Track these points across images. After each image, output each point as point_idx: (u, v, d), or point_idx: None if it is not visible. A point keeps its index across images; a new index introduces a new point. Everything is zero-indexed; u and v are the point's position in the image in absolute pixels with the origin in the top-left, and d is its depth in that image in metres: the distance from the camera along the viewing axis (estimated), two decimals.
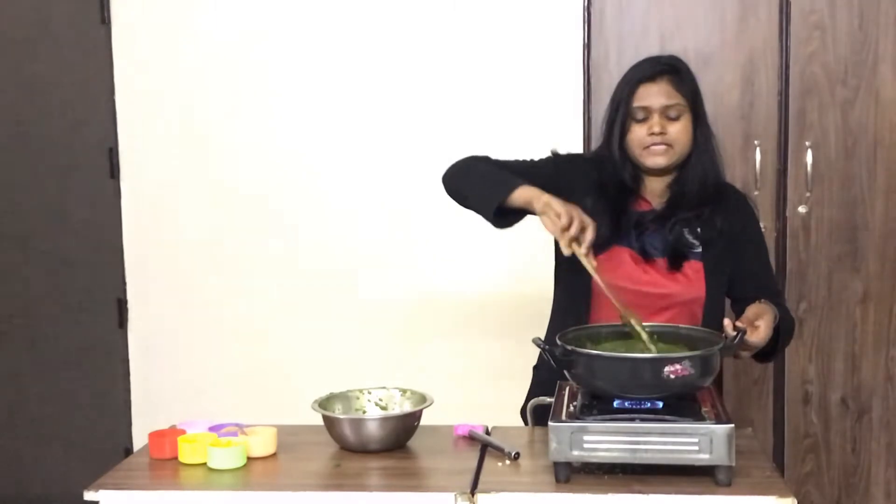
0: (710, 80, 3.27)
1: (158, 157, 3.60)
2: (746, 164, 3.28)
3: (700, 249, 2.19)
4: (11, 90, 3.65)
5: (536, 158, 2.29)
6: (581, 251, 1.96)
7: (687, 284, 2.17)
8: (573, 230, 1.94)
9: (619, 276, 2.10)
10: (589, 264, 1.97)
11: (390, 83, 3.50)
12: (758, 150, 3.27)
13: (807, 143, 3.25)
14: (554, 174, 2.20)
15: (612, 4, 3.29)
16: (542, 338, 2.06)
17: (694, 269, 2.18)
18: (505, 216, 2.07)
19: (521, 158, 2.28)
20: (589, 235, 1.95)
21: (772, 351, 2.12)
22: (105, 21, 3.57)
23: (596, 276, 1.98)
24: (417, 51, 3.48)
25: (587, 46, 3.31)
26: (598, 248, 2.05)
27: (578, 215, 1.95)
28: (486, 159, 2.22)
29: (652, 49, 3.25)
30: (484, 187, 2.10)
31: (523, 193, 2.02)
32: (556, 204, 1.96)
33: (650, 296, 2.15)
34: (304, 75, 3.53)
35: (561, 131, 3.29)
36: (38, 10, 3.61)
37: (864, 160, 3.24)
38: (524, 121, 3.41)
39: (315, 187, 3.56)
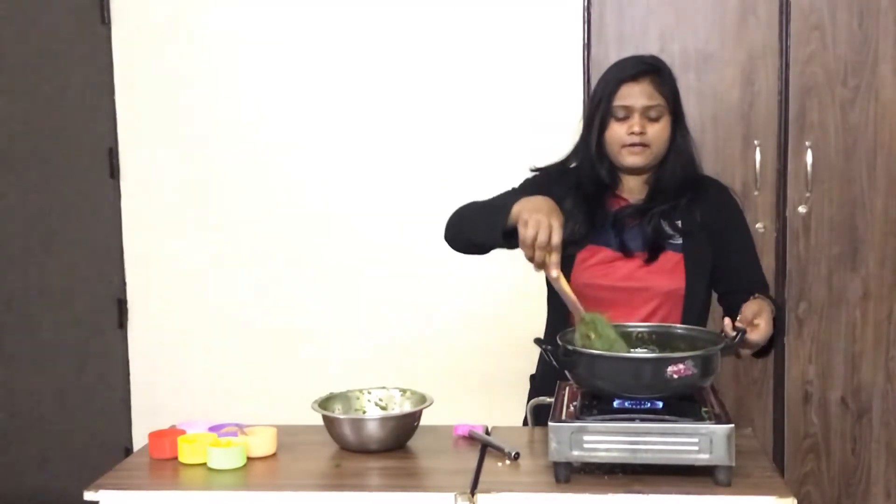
0: (710, 80, 3.27)
1: (158, 157, 3.60)
2: (746, 164, 3.28)
3: (680, 241, 2.20)
4: (11, 90, 3.64)
5: (521, 183, 2.29)
6: (537, 259, 1.93)
7: (666, 276, 2.18)
8: (526, 252, 1.92)
9: (598, 274, 2.11)
10: (547, 273, 1.95)
11: (390, 85, 3.50)
12: (758, 150, 3.27)
13: (807, 143, 3.25)
14: (539, 193, 2.21)
15: (612, 4, 3.29)
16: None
17: (674, 260, 2.19)
18: (512, 237, 2.03)
19: (504, 191, 2.27)
20: (540, 237, 1.89)
21: (769, 346, 2.12)
22: (105, 21, 3.57)
23: (556, 286, 1.96)
24: (416, 52, 3.48)
25: (587, 46, 3.31)
26: (576, 246, 2.06)
27: (535, 225, 1.89)
28: (474, 203, 2.22)
29: (652, 49, 3.25)
30: (484, 221, 2.09)
31: (516, 208, 1.98)
32: (525, 214, 1.92)
33: (629, 290, 2.16)
34: (305, 75, 3.53)
35: (561, 131, 3.28)
36: (38, 10, 3.61)
37: (864, 160, 3.25)
38: (524, 121, 3.41)
39: (316, 188, 3.55)
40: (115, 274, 3.66)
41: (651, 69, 2.20)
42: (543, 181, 2.26)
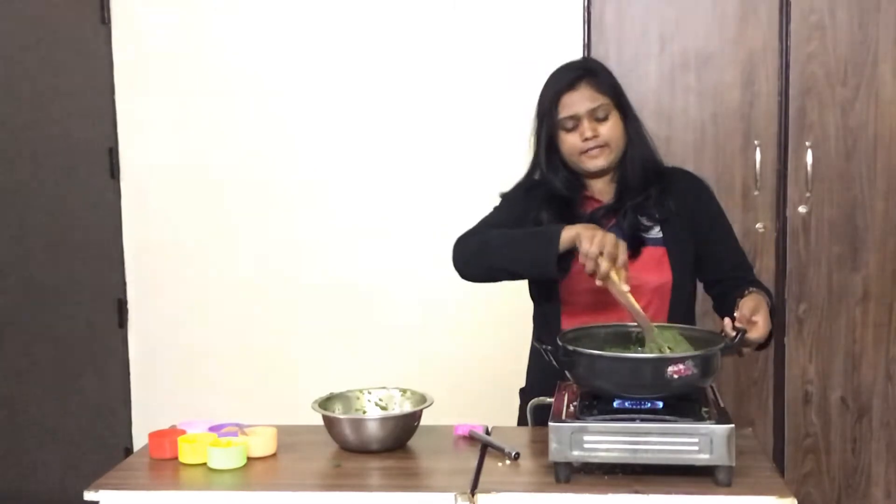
0: (710, 80, 3.27)
1: (158, 157, 3.60)
2: (746, 164, 3.28)
3: (660, 235, 2.20)
4: (11, 90, 3.65)
5: (497, 206, 2.28)
6: (597, 282, 1.96)
7: (653, 272, 2.17)
8: (589, 265, 1.94)
9: (585, 279, 2.10)
10: (614, 289, 1.96)
11: (390, 84, 3.50)
12: (758, 150, 3.27)
13: (807, 143, 3.25)
14: (521, 212, 2.22)
15: (612, 4, 3.29)
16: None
17: (657, 255, 2.19)
18: (561, 265, 2.05)
19: (489, 214, 2.26)
20: (608, 249, 1.94)
21: (768, 338, 2.11)
22: (105, 21, 3.57)
23: (624, 300, 1.97)
24: (417, 52, 3.48)
25: (587, 46, 3.31)
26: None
27: (600, 242, 1.93)
28: (484, 232, 2.19)
29: (652, 49, 3.26)
30: (527, 253, 2.08)
31: (568, 234, 2.01)
32: (585, 232, 1.97)
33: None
34: (305, 75, 3.53)
35: None
36: (38, 10, 3.61)
37: (864, 160, 3.24)
38: (524, 121, 3.39)
39: (316, 187, 3.56)
40: (115, 274, 3.66)
41: (584, 73, 2.19)
42: (520, 196, 2.26)
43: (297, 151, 3.56)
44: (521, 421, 2.25)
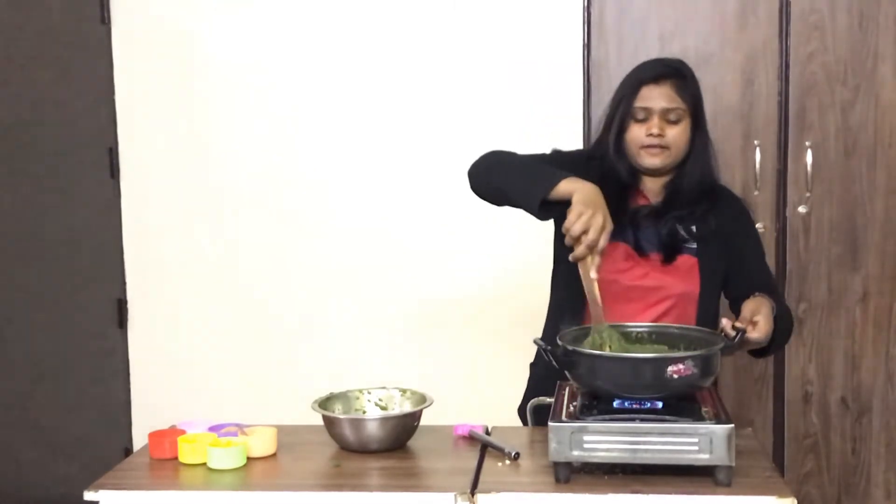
0: (710, 80, 3.27)
1: (158, 157, 3.60)
2: (746, 164, 3.28)
3: (695, 246, 2.20)
4: (11, 90, 3.64)
5: (548, 153, 2.27)
6: (570, 257, 1.94)
7: (680, 278, 2.18)
8: (567, 239, 1.92)
9: (613, 271, 2.10)
10: (583, 271, 1.95)
11: (390, 84, 3.50)
12: (758, 150, 3.27)
13: (807, 143, 3.25)
14: (570, 170, 2.19)
15: (612, 4, 3.30)
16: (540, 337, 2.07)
17: (688, 264, 2.19)
18: (548, 208, 2.01)
19: (537, 154, 2.25)
20: (591, 237, 1.90)
21: (768, 346, 2.11)
22: (105, 21, 3.57)
23: (587, 286, 1.95)
24: (417, 52, 3.48)
25: (587, 46, 3.31)
26: None
27: (587, 222, 1.90)
28: (512, 153, 2.18)
29: (652, 49, 3.26)
30: (525, 181, 2.05)
31: (567, 186, 1.97)
32: (579, 204, 1.92)
33: (643, 289, 2.16)
34: (304, 74, 3.53)
35: (561, 131, 3.29)
36: (38, 10, 3.61)
37: (864, 160, 3.25)
38: (524, 121, 3.41)
39: (315, 187, 3.56)
40: (115, 274, 3.66)
41: (673, 72, 2.20)
42: (579, 163, 2.20)
43: (298, 151, 3.56)
44: (528, 395, 2.25)
